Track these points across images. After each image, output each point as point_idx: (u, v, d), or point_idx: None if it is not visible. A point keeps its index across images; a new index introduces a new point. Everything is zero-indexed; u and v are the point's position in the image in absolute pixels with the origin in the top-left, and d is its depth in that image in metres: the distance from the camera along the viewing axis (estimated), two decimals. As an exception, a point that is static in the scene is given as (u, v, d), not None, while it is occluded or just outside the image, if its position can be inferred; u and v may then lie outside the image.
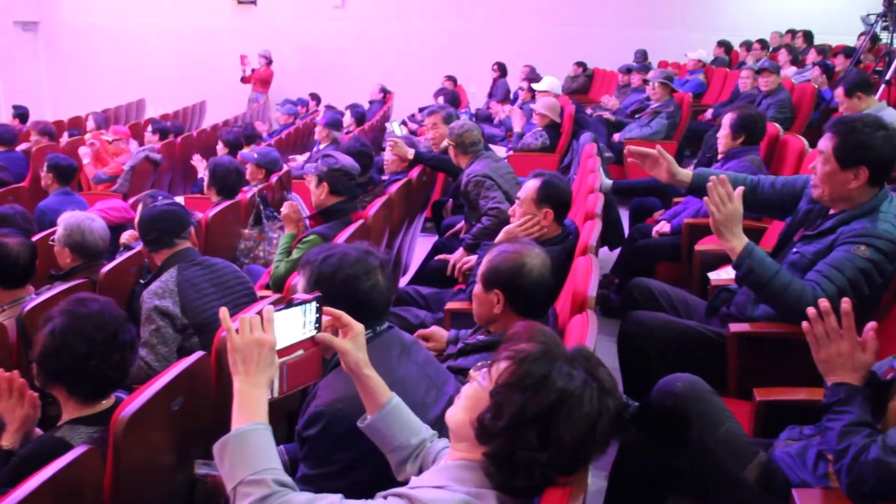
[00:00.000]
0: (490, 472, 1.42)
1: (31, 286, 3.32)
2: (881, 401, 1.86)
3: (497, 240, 3.08)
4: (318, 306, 1.69)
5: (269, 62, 12.44)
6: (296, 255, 3.60)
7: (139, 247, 3.49)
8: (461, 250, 4.18)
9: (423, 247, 5.13)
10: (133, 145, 7.30)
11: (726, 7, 12.68)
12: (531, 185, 3.21)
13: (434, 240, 4.99)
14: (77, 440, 2.02)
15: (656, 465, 2.23)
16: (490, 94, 10.85)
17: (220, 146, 6.48)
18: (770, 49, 10.14)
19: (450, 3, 13.04)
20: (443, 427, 1.59)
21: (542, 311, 2.44)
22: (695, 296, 3.35)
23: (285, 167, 5.89)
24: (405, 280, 4.73)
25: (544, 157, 6.29)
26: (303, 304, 1.67)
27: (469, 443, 1.46)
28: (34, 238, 3.59)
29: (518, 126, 7.00)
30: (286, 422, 2.58)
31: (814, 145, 3.26)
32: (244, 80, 12.44)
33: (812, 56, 9.00)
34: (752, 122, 4.24)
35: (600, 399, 1.40)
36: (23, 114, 9.52)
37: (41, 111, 12.41)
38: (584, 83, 11.46)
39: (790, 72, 8.50)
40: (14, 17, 13.16)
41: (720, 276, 3.28)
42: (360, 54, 13.14)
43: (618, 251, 4.79)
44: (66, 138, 8.39)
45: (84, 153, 6.94)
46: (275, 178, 5.23)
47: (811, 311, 1.90)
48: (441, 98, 8.36)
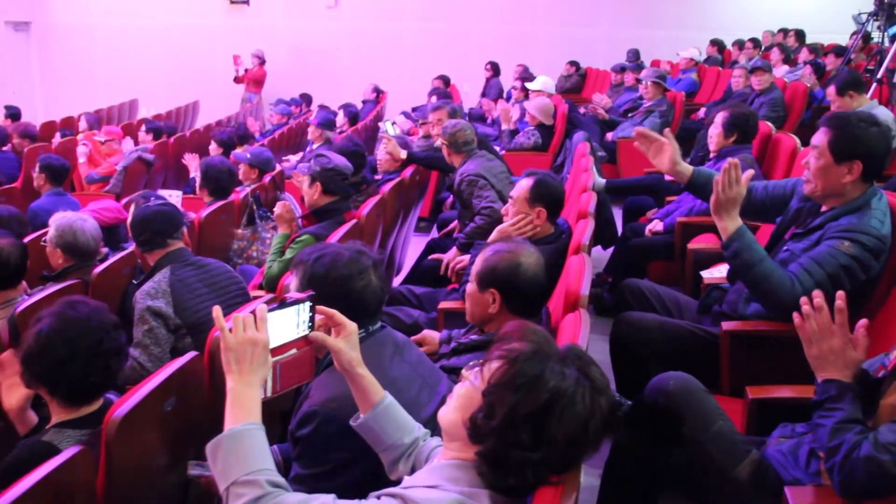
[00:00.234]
0: (483, 472, 1.42)
1: (24, 286, 3.31)
2: (872, 398, 1.87)
3: (490, 239, 3.07)
4: (312, 305, 1.69)
5: (262, 62, 12.40)
6: (289, 255, 3.60)
7: (132, 246, 3.48)
8: (454, 249, 4.18)
9: (416, 246, 5.13)
10: (127, 145, 7.27)
11: (719, 6, 12.69)
12: (524, 185, 3.21)
13: (427, 239, 4.99)
14: (65, 444, 2.01)
15: (649, 464, 2.23)
16: (483, 94, 10.84)
17: (213, 146, 6.47)
18: (762, 48, 10.16)
19: (443, 2, 13.01)
20: (435, 426, 1.59)
21: (537, 310, 2.44)
22: (687, 295, 3.36)
23: (278, 167, 5.88)
24: (399, 279, 4.73)
25: (537, 157, 6.30)
26: (296, 303, 1.67)
27: (462, 442, 1.46)
28: (26, 239, 3.58)
29: (506, 123, 7.01)
30: (280, 421, 2.57)
31: (806, 144, 3.27)
32: (237, 80, 12.41)
33: (804, 55, 9.02)
34: (744, 121, 4.25)
35: (593, 398, 1.40)
36: (14, 114, 9.46)
37: (33, 111, 12.35)
38: (577, 82, 11.47)
39: (782, 71, 8.52)
40: (6, 18, 13.07)
41: (713, 274, 3.30)
42: (354, 54, 13.11)
43: (611, 250, 4.80)
44: (58, 139, 8.35)
45: (80, 152, 6.91)
46: (268, 178, 5.22)
47: (805, 307, 1.91)
48: (434, 98, 8.36)
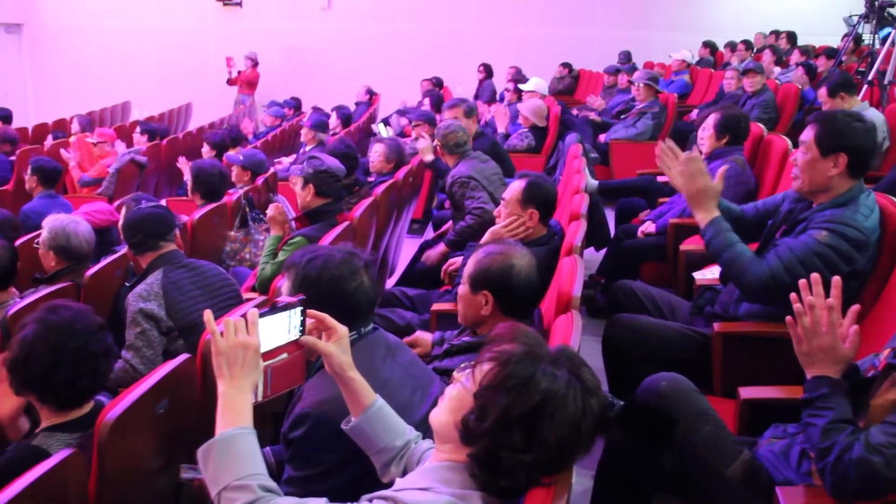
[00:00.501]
0: (475, 474, 1.42)
1: (15, 289, 3.30)
2: (863, 398, 1.87)
3: (483, 241, 3.08)
4: (303, 309, 1.69)
5: (255, 64, 12.39)
6: (282, 256, 3.59)
7: (123, 249, 3.47)
8: (442, 245, 4.21)
9: (409, 248, 5.13)
10: (121, 147, 7.25)
11: (711, 8, 12.73)
12: (516, 186, 3.22)
13: (421, 241, 4.99)
14: (55, 447, 2.00)
15: (642, 465, 2.23)
16: (476, 96, 10.84)
17: (206, 148, 6.45)
18: (754, 50, 10.19)
19: (436, 4, 13.02)
20: (428, 428, 1.59)
21: (529, 312, 2.44)
22: (679, 296, 3.36)
23: (271, 169, 5.87)
24: (392, 281, 4.72)
25: (530, 158, 6.31)
26: (287, 307, 1.67)
27: (453, 444, 1.46)
28: (18, 242, 3.57)
29: (501, 126, 7.01)
30: (272, 423, 2.57)
31: (798, 145, 3.28)
32: (230, 82, 12.39)
33: (796, 57, 9.06)
34: (735, 123, 4.25)
35: (584, 399, 1.40)
36: (6, 116, 9.42)
37: (25, 114, 12.32)
38: (570, 84, 11.47)
39: (774, 72, 8.55)
40: (-3, 20, 13.11)
41: (705, 275, 3.30)
42: (347, 56, 13.10)
43: (604, 251, 4.80)
44: (50, 141, 8.33)
45: (68, 158, 6.89)
46: (261, 181, 5.21)
47: (796, 305, 1.91)
48: (427, 100, 8.36)
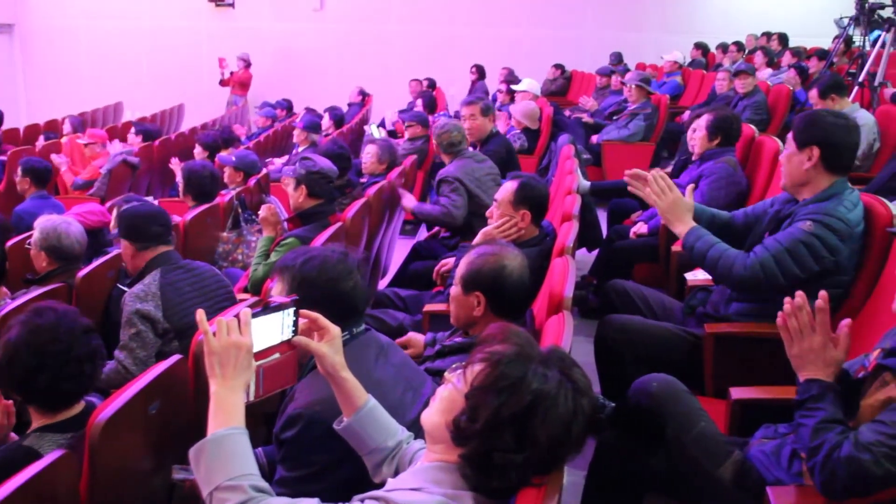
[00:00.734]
0: (466, 474, 1.42)
1: (6, 290, 3.28)
2: (853, 399, 1.88)
3: (475, 242, 3.08)
4: (296, 309, 1.69)
5: (248, 65, 12.37)
6: (274, 257, 3.59)
7: (117, 250, 3.46)
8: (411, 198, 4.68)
9: (402, 249, 5.13)
10: (115, 147, 7.21)
11: (703, 10, 12.77)
12: (508, 187, 3.22)
13: (413, 242, 4.99)
14: (46, 448, 2.00)
15: (633, 465, 2.24)
16: (469, 97, 10.84)
17: (198, 149, 6.44)
18: (746, 51, 10.23)
19: (428, 5, 13.02)
20: (419, 429, 1.59)
21: (521, 312, 2.45)
22: (671, 297, 3.37)
23: (264, 170, 5.87)
24: (384, 282, 4.72)
25: (523, 159, 6.30)
26: (280, 307, 1.67)
27: (445, 444, 1.47)
28: (9, 243, 3.56)
29: (502, 127, 7.01)
30: (265, 424, 2.57)
31: (789, 147, 3.31)
32: (222, 83, 12.36)
33: (787, 58, 9.09)
34: (727, 124, 4.26)
35: (575, 399, 1.40)
36: (-3, 117, 9.39)
37: (17, 114, 12.27)
38: (562, 85, 11.49)
39: (765, 74, 8.58)
40: (-12, 20, 13.05)
41: (696, 276, 3.31)
42: (339, 57, 13.10)
43: (596, 252, 4.81)
44: (41, 142, 8.29)
45: (58, 162, 6.85)
46: (253, 182, 5.21)
47: (787, 305, 1.92)
48: (420, 101, 8.37)
